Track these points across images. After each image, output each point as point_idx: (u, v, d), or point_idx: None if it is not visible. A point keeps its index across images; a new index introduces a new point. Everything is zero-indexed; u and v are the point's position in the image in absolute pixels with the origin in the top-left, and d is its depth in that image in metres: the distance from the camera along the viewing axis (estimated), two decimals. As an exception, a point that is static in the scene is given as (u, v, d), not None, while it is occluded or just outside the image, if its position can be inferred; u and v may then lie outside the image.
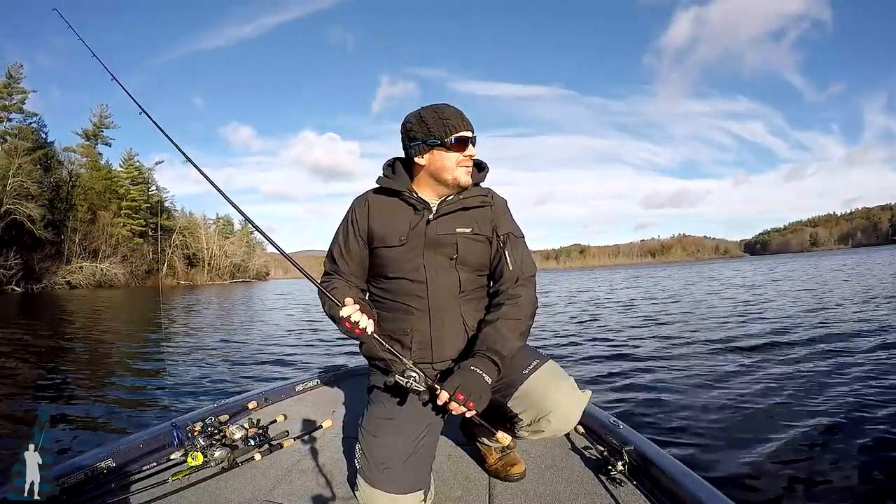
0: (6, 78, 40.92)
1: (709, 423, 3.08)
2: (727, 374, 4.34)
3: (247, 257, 76.37)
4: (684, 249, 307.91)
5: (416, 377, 1.20)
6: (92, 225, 46.97)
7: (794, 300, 10.54)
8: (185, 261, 62.77)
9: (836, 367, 4.27)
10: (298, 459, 1.79)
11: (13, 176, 36.81)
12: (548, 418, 1.27)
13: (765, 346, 5.49)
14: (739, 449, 2.67)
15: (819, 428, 2.89)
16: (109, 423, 3.62)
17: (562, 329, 8.12)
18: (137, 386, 4.87)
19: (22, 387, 4.88)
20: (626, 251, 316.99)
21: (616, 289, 20.19)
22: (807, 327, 6.63)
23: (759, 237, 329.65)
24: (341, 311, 1.21)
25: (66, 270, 42.03)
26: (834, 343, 5.36)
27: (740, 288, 15.81)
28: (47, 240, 39.18)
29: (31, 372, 5.64)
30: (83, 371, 5.65)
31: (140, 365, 6.03)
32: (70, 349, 7.50)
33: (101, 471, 1.58)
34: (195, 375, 5.43)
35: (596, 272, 67.52)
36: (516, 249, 1.44)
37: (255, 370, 5.66)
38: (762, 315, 8.38)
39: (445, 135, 1.34)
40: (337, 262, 1.46)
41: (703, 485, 1.31)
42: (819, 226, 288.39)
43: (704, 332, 6.85)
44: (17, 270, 34.93)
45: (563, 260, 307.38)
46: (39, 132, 43.43)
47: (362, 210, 1.44)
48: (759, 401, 3.47)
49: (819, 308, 8.68)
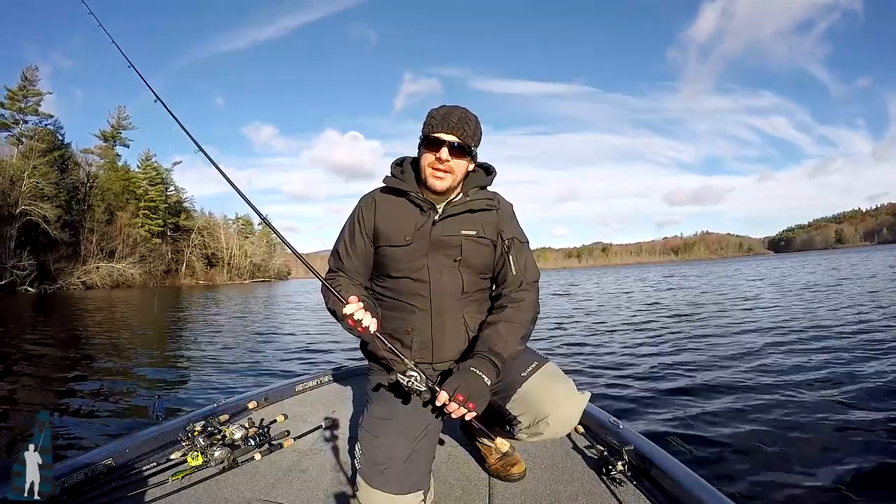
0: (21, 80, 41.14)
1: (709, 423, 3.08)
2: (729, 374, 4.34)
3: (267, 257, 76.44)
4: (707, 247, 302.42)
5: (417, 377, 1.20)
6: (109, 225, 47.06)
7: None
8: (205, 261, 62.83)
9: (848, 366, 4.25)
10: (298, 459, 1.79)
11: (28, 177, 36.98)
12: (546, 421, 1.27)
13: (770, 346, 5.47)
14: (740, 449, 2.67)
15: (822, 428, 2.89)
16: (109, 423, 3.62)
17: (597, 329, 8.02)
18: (137, 386, 4.87)
19: (22, 387, 4.87)
20: (648, 249, 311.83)
21: (648, 289, 18.93)
22: (818, 327, 6.55)
23: (784, 234, 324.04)
24: (345, 308, 1.20)
25: (82, 271, 42.00)
26: (843, 344, 5.31)
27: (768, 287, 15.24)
28: (63, 241, 39.22)
29: (31, 372, 5.63)
30: (84, 371, 5.64)
31: (140, 365, 6.03)
32: (72, 349, 7.48)
33: (101, 471, 1.58)
34: (195, 375, 5.43)
35: (621, 270, 66.68)
36: (521, 254, 1.44)
37: (255, 370, 5.66)
38: (775, 315, 8.27)
39: (424, 133, 1.35)
40: (342, 259, 1.46)
41: (703, 485, 1.32)
42: (844, 222, 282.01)
43: (724, 330, 6.80)
44: (31, 271, 34.87)
45: (584, 258, 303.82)
46: (56, 134, 43.60)
47: (369, 208, 1.44)
48: (760, 401, 3.47)
49: (822, 307, 8.67)
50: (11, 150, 38.97)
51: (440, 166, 1.33)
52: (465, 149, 1.34)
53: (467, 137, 1.33)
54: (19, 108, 40.58)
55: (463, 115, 1.33)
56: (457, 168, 1.35)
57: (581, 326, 8.42)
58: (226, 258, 65.51)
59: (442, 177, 1.34)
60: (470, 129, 1.34)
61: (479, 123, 1.39)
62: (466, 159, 1.37)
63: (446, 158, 1.31)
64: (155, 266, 51.74)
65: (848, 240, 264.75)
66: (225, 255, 66.06)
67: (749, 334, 6.40)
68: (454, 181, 1.36)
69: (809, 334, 6.03)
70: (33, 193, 37.14)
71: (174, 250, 57.92)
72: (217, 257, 65.08)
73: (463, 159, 1.35)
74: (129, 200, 51.24)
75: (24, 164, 37.36)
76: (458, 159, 1.34)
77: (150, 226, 52.99)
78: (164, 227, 55.70)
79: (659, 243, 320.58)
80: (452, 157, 1.32)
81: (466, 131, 1.33)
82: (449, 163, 1.32)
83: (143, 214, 52.79)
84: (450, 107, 1.35)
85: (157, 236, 54.18)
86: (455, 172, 1.35)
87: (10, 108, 40.12)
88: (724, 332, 6.70)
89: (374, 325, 1.22)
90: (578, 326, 8.42)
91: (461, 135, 1.32)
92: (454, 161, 1.33)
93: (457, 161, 1.34)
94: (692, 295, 14.14)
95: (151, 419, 1.93)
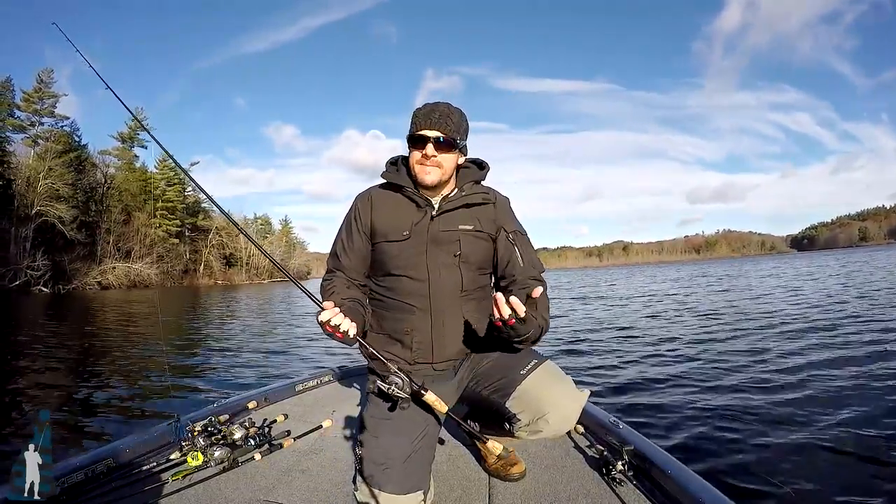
0: (37, 82, 41.42)
1: (710, 424, 3.08)
2: (732, 374, 4.33)
3: (286, 257, 76.33)
4: (729, 245, 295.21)
5: (400, 383, 1.20)
6: (126, 226, 47.41)
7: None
8: (223, 261, 62.96)
9: (849, 368, 4.23)
10: (298, 459, 1.79)
11: (44, 178, 37.28)
12: (546, 419, 1.27)
13: (776, 345, 5.46)
14: (740, 449, 2.66)
15: (822, 427, 2.87)
16: (110, 423, 3.63)
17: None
18: (138, 386, 4.87)
19: (23, 386, 4.88)
20: (669, 248, 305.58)
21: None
22: (828, 327, 6.49)
23: (806, 232, 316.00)
24: (320, 315, 1.17)
25: (98, 271, 42.24)
26: (850, 345, 5.29)
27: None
28: (79, 241, 39.54)
29: (32, 371, 5.65)
30: (85, 371, 5.66)
31: (141, 365, 6.03)
32: (74, 349, 7.51)
33: (101, 471, 1.58)
34: (196, 375, 5.43)
35: (644, 270, 65.78)
36: (526, 248, 1.45)
37: (255, 370, 5.66)
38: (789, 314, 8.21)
39: (410, 132, 1.37)
40: (340, 258, 1.46)
41: (703, 485, 1.31)
42: (868, 220, 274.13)
43: (734, 331, 6.78)
44: (45, 271, 35.04)
45: (605, 257, 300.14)
46: (72, 135, 44.04)
47: (365, 205, 1.45)
48: (761, 401, 3.46)
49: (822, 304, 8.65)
50: (28, 151, 39.37)
51: (427, 162, 1.35)
52: (451, 142, 1.36)
53: (451, 131, 1.36)
54: (35, 110, 40.96)
55: (445, 111, 1.36)
56: (445, 162, 1.37)
57: (582, 326, 8.42)
58: (244, 258, 65.49)
59: (430, 171, 1.36)
60: (453, 122, 1.36)
61: (464, 116, 1.41)
62: (454, 153, 1.39)
63: (432, 154, 1.34)
64: (173, 266, 52.10)
65: (872, 237, 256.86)
66: (243, 254, 66.10)
67: (756, 334, 6.37)
68: (443, 175, 1.38)
69: (824, 334, 5.96)
70: (49, 194, 37.47)
71: (192, 250, 58.30)
72: (235, 257, 65.16)
73: (450, 153, 1.38)
74: (146, 201, 51.66)
75: (39, 166, 37.74)
76: (446, 153, 1.36)
77: (168, 226, 53.27)
78: (181, 228, 55.96)
79: (680, 242, 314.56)
80: (439, 151, 1.35)
81: (450, 125, 1.35)
82: (436, 157, 1.35)
83: (161, 215, 53.09)
84: (433, 104, 1.38)
85: (175, 236, 54.45)
86: (444, 166, 1.37)
87: (26, 110, 40.54)
88: (726, 332, 6.70)
89: (354, 329, 1.19)
90: (580, 325, 8.43)
91: (445, 129, 1.34)
92: (441, 156, 1.36)
93: (444, 155, 1.36)
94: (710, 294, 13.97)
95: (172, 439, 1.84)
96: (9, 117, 38.76)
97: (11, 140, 38.76)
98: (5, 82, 39.04)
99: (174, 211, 54.89)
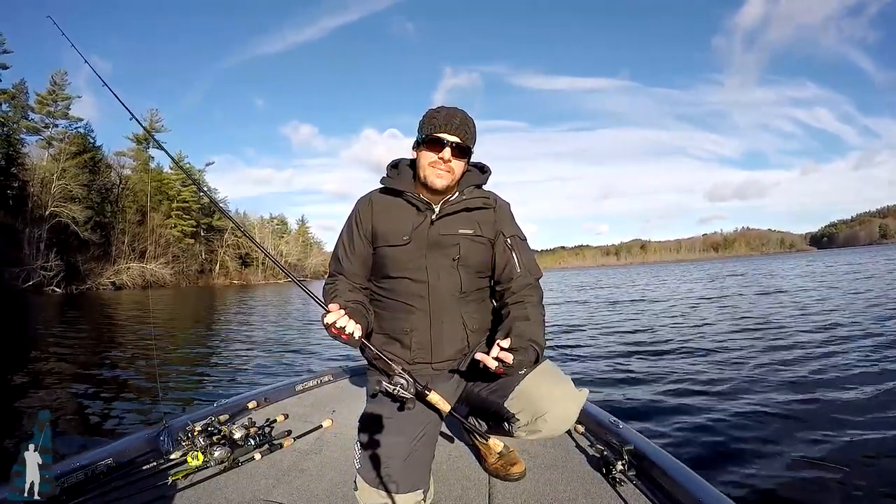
0: (50, 84, 41.68)
1: (710, 424, 3.07)
2: (732, 374, 4.32)
3: (303, 256, 76.81)
4: (748, 243, 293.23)
5: (405, 383, 1.20)
6: (141, 226, 47.63)
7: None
8: (238, 260, 63.32)
9: (850, 370, 4.20)
10: (298, 459, 1.79)
11: (58, 179, 37.60)
12: (545, 418, 1.27)
13: (776, 349, 5.41)
14: (740, 449, 2.65)
15: (822, 428, 2.85)
16: (110, 423, 3.63)
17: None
18: (138, 386, 4.88)
19: (23, 386, 4.89)
20: (687, 246, 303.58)
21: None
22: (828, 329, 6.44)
23: (826, 229, 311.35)
24: (325, 317, 1.19)
25: (112, 271, 42.46)
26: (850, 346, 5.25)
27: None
28: (93, 241, 39.88)
29: (33, 371, 5.66)
30: (85, 371, 5.68)
31: (142, 365, 6.04)
32: (76, 349, 7.54)
33: (101, 471, 1.59)
34: (196, 376, 5.44)
35: (663, 268, 64.54)
36: (524, 253, 1.45)
37: (255, 370, 5.66)
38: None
39: (425, 133, 1.36)
40: (341, 262, 1.47)
41: (703, 485, 1.30)
42: (889, 217, 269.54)
43: (736, 333, 6.72)
44: (58, 272, 35.24)
45: (623, 256, 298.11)
46: (86, 136, 44.34)
47: (365, 209, 1.45)
48: (762, 401, 3.46)
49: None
50: (42, 153, 39.68)
51: (442, 166, 1.36)
52: (467, 150, 1.38)
53: (468, 139, 1.38)
54: (49, 112, 41.26)
55: (464, 118, 1.37)
56: (457, 168, 1.39)
57: (584, 325, 8.42)
58: (260, 258, 65.57)
59: (442, 175, 1.37)
60: (471, 130, 1.38)
61: (476, 126, 1.42)
62: (465, 160, 1.41)
63: (448, 158, 1.35)
64: (188, 266, 52.37)
65: (892, 234, 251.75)
66: (259, 254, 66.18)
67: (764, 335, 6.34)
68: (453, 180, 1.39)
69: (828, 336, 5.91)
70: (63, 195, 37.80)
71: (208, 250, 58.63)
72: (251, 257, 65.39)
73: (462, 160, 1.40)
74: (161, 202, 51.88)
75: (53, 167, 38.06)
76: (459, 160, 1.38)
77: (183, 226, 53.57)
78: (196, 228, 56.21)
79: (699, 240, 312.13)
80: (454, 157, 1.36)
81: (468, 133, 1.37)
82: (451, 163, 1.36)
83: (176, 215, 53.41)
84: (450, 108, 1.38)
85: (190, 237, 54.71)
86: (455, 172, 1.39)
87: (40, 112, 40.85)
88: (732, 332, 6.68)
89: (359, 331, 1.21)
90: (583, 326, 8.43)
91: (463, 136, 1.36)
92: (455, 161, 1.37)
93: (457, 162, 1.38)
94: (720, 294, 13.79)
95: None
96: (23, 119, 39.07)
97: (26, 142, 39.28)
98: (19, 85, 39.43)
99: (189, 211, 55.18)
